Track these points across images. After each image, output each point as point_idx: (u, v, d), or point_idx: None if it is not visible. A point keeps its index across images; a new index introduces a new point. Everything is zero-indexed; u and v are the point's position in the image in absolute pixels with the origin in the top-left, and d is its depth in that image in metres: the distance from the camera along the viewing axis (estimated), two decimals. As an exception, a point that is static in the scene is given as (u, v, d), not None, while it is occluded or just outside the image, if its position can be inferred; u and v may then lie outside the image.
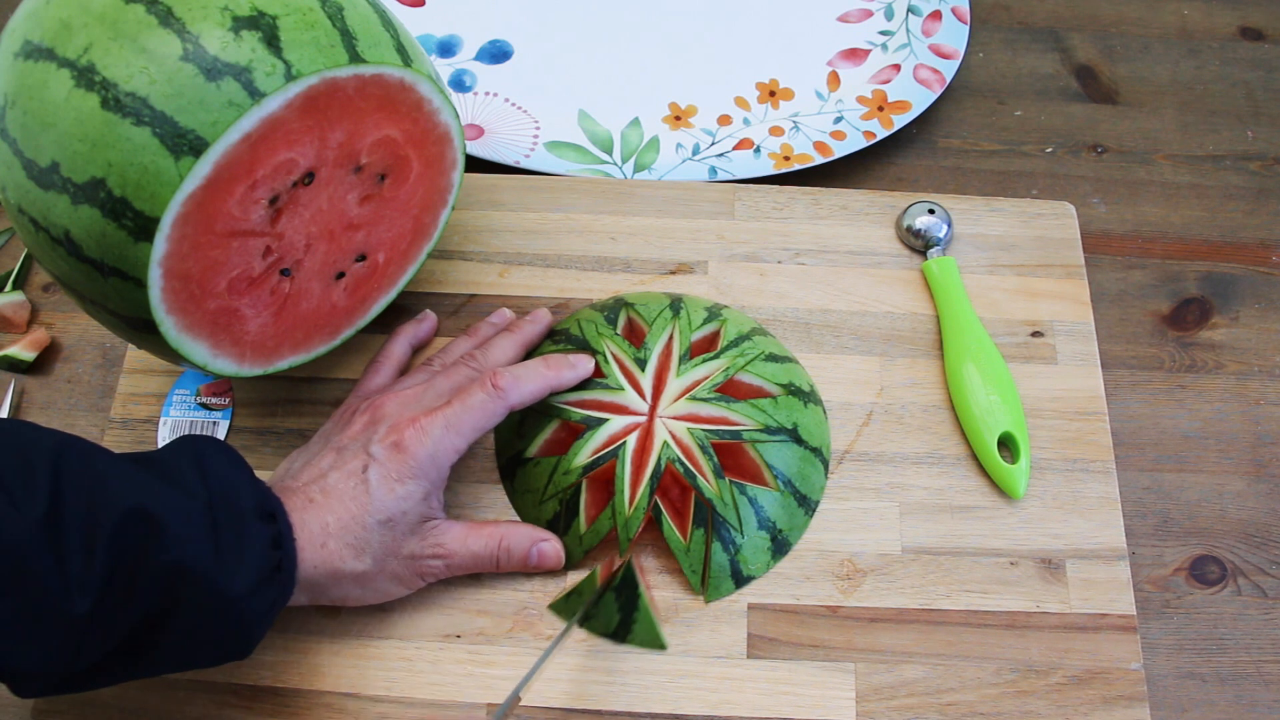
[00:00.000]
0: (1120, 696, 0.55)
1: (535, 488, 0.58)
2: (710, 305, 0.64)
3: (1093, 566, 0.58)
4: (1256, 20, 0.85)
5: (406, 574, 0.54)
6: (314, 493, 0.52)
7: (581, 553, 0.57)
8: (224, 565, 0.46)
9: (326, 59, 0.49)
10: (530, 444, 0.59)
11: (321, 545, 0.51)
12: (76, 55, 0.47)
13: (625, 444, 0.57)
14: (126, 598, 0.44)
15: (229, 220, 0.49)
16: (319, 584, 0.51)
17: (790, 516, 0.58)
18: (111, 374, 0.66)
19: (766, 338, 0.63)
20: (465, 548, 0.55)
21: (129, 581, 0.44)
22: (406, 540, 0.53)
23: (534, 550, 0.56)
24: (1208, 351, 0.69)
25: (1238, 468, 0.64)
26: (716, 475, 0.57)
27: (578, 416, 0.58)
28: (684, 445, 0.57)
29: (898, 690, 0.55)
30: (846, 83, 0.78)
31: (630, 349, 0.60)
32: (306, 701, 0.54)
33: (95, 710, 0.54)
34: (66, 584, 0.42)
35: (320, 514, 0.51)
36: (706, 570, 0.56)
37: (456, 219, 0.69)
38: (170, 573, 0.44)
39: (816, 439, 0.60)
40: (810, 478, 0.59)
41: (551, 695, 0.54)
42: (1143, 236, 0.74)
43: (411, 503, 0.53)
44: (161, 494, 0.46)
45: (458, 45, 0.80)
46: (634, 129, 0.76)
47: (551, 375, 0.57)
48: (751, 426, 0.58)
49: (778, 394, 0.60)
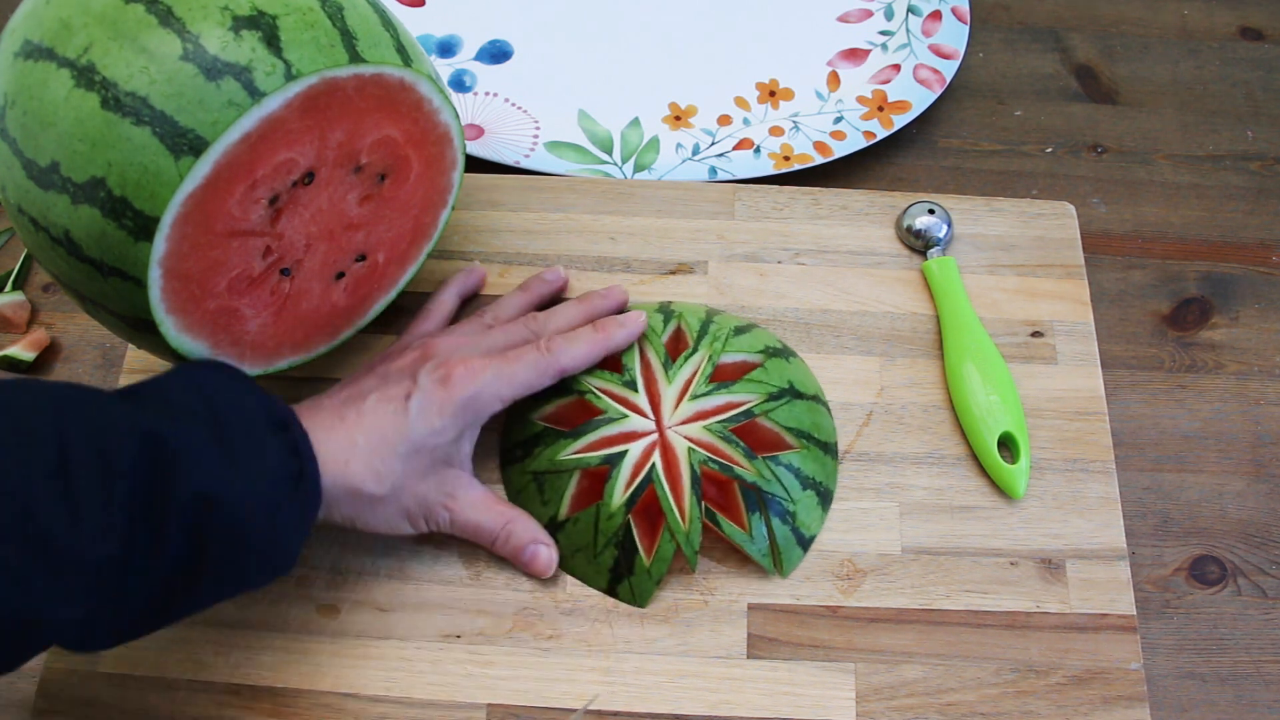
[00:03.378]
0: (1120, 696, 0.55)
1: (585, 544, 0.57)
2: (659, 305, 0.64)
3: (1093, 566, 0.58)
4: (1256, 20, 0.85)
5: (416, 512, 0.54)
6: (347, 412, 0.52)
7: (654, 585, 0.56)
8: (243, 481, 0.45)
9: (326, 59, 0.49)
10: (559, 506, 0.58)
11: (345, 462, 0.51)
12: (76, 55, 0.47)
13: (654, 466, 0.57)
14: (156, 535, 0.44)
15: (229, 220, 0.49)
16: (335, 499, 0.51)
17: (822, 466, 0.59)
18: (111, 374, 0.66)
19: (721, 314, 0.64)
20: (474, 511, 0.55)
21: (155, 517, 0.43)
22: (426, 478, 0.53)
23: (530, 547, 0.56)
24: (1208, 351, 0.69)
25: (1238, 468, 0.64)
26: (749, 458, 0.57)
27: (596, 460, 0.57)
28: (706, 444, 0.57)
29: (898, 690, 0.55)
30: (846, 83, 0.78)
31: (614, 377, 0.60)
32: (306, 701, 0.54)
33: (95, 710, 0.54)
34: (82, 531, 0.42)
35: (350, 432, 0.51)
36: (775, 548, 0.57)
37: (456, 219, 0.69)
38: (194, 502, 0.44)
39: (812, 387, 0.61)
40: (822, 424, 0.60)
41: (551, 695, 0.54)
42: (1143, 236, 0.74)
43: (444, 439, 0.53)
44: (167, 426, 0.45)
45: (458, 45, 0.80)
46: (634, 129, 0.76)
47: (601, 338, 0.58)
48: (756, 400, 0.59)
49: (761, 361, 0.60)
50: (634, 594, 0.56)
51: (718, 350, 0.61)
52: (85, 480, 0.42)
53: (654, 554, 0.56)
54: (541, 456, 0.58)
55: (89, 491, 0.42)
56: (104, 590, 0.43)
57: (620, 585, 0.56)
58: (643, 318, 0.60)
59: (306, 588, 0.57)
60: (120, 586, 0.43)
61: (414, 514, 0.54)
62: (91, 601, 0.43)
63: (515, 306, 0.62)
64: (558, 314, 0.61)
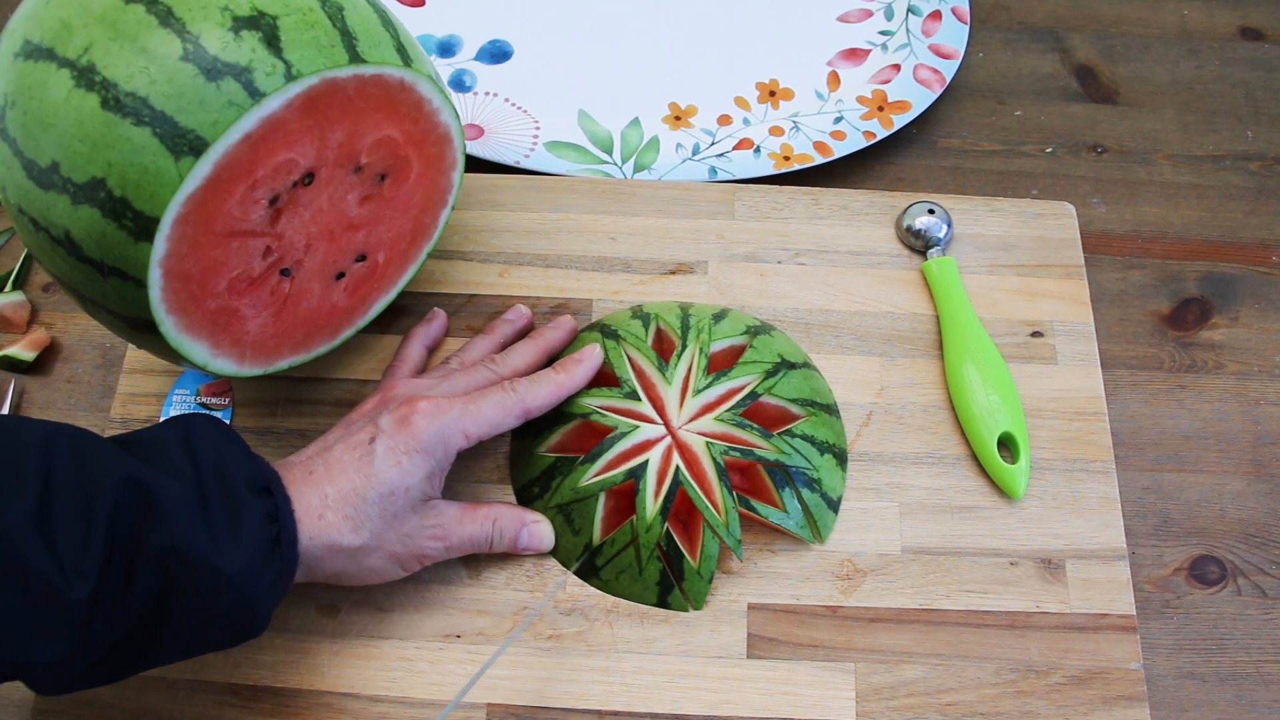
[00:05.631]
0: (1120, 696, 0.55)
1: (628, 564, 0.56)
2: (631, 311, 0.64)
3: (1093, 566, 0.58)
4: (1256, 20, 0.85)
5: (404, 554, 0.53)
6: (315, 465, 0.52)
7: (706, 586, 0.56)
8: (218, 543, 0.45)
9: (326, 59, 0.49)
10: (592, 532, 0.57)
11: (319, 517, 0.50)
12: (76, 55, 0.47)
13: (678, 469, 0.57)
14: (126, 581, 0.44)
15: (229, 220, 0.49)
16: (315, 558, 0.50)
17: (830, 427, 0.60)
18: (111, 374, 0.66)
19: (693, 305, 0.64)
20: (462, 529, 0.55)
21: (127, 564, 0.44)
22: (406, 518, 0.53)
23: (524, 531, 0.56)
24: (1208, 351, 0.69)
25: (1238, 468, 0.64)
26: (765, 437, 0.58)
27: (621, 477, 0.57)
28: (720, 434, 0.58)
29: (898, 690, 0.55)
30: (846, 83, 0.78)
31: (613, 392, 0.59)
32: (306, 701, 0.54)
33: (95, 710, 0.54)
34: (63, 571, 0.42)
35: (320, 485, 0.51)
36: (810, 518, 0.58)
37: (456, 219, 0.69)
38: (164, 555, 0.44)
39: (799, 355, 0.63)
40: (818, 387, 0.62)
41: (551, 695, 0.54)
42: (1143, 236, 0.74)
43: (415, 479, 0.52)
44: (151, 475, 0.45)
45: (458, 45, 0.80)
46: (634, 129, 0.76)
47: (564, 379, 0.58)
48: (755, 380, 0.59)
49: (748, 342, 0.61)
50: (687, 599, 0.56)
51: (706, 341, 0.61)
52: (66, 519, 0.43)
53: (699, 554, 0.56)
54: (563, 488, 0.58)
55: (69, 531, 0.43)
56: (72, 631, 0.43)
57: (671, 595, 0.56)
58: (598, 350, 0.60)
59: (306, 588, 0.57)
60: (87, 629, 0.43)
61: (403, 557, 0.53)
62: (64, 643, 0.43)
63: (480, 350, 0.62)
64: (515, 353, 0.60)
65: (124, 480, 0.44)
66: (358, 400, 0.62)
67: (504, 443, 0.62)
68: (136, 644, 0.46)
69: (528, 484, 0.59)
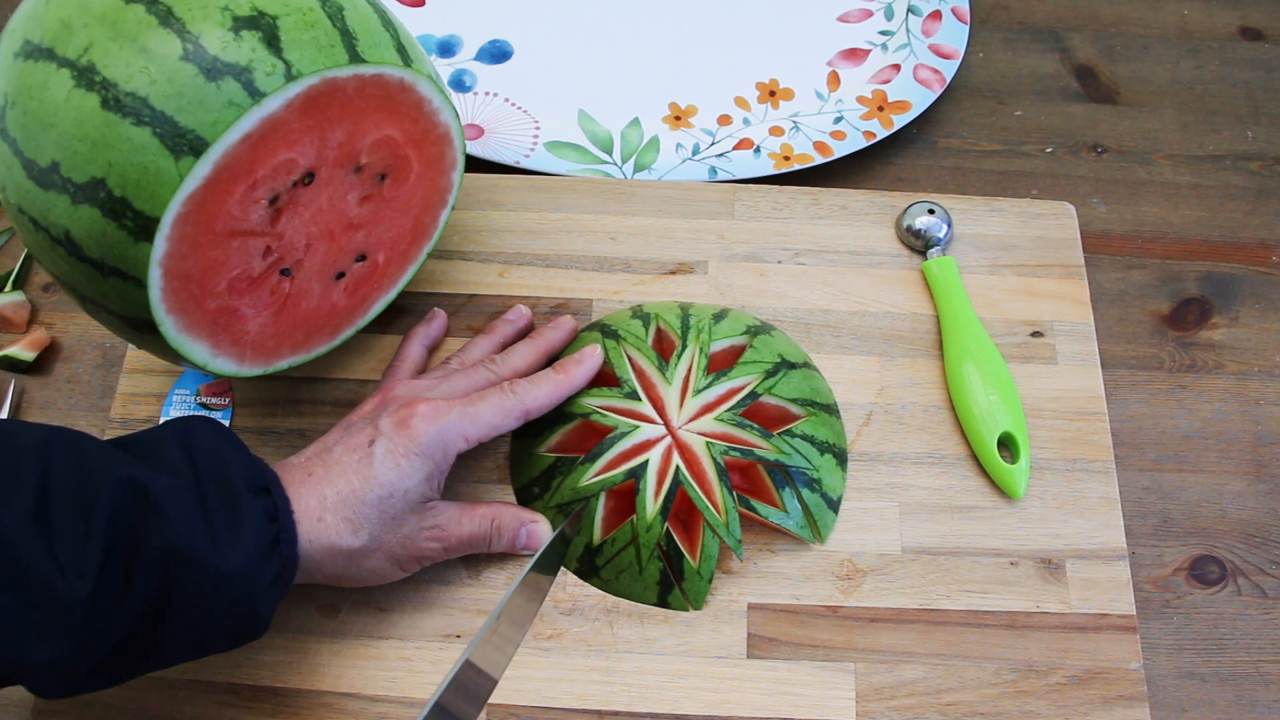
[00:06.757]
0: (1120, 696, 0.55)
1: (628, 564, 0.56)
2: (632, 311, 0.64)
3: (1093, 566, 0.58)
4: (1256, 20, 0.85)
5: (403, 555, 0.53)
6: (314, 467, 0.52)
7: (706, 585, 0.56)
8: (217, 543, 0.45)
9: (326, 59, 0.49)
10: (592, 532, 0.57)
11: (318, 519, 0.50)
12: (76, 55, 0.47)
13: (678, 468, 0.57)
14: (125, 581, 0.44)
15: (229, 220, 0.49)
16: (314, 560, 0.50)
17: (830, 427, 0.60)
18: (111, 374, 0.66)
19: (693, 305, 0.64)
20: (460, 529, 0.55)
21: (126, 563, 0.44)
22: (405, 519, 0.53)
23: (523, 531, 0.56)
24: (1208, 351, 0.69)
25: (1238, 468, 0.64)
26: (765, 437, 0.58)
27: (621, 477, 0.57)
28: (720, 434, 0.58)
29: (898, 690, 0.55)
30: (846, 83, 0.78)
31: (613, 392, 0.59)
32: (306, 701, 0.54)
33: (95, 710, 0.54)
34: (62, 571, 0.42)
35: (319, 487, 0.51)
36: (810, 518, 0.58)
37: (456, 219, 0.69)
38: (163, 554, 0.44)
39: (799, 355, 0.63)
40: (818, 387, 0.62)
41: (552, 695, 0.54)
42: (1143, 236, 0.74)
43: (414, 480, 0.52)
44: (149, 476, 0.45)
45: (458, 45, 0.80)
46: (634, 129, 0.76)
47: (563, 379, 0.58)
48: (755, 380, 0.59)
49: (748, 342, 0.61)
50: (687, 598, 0.56)
51: (706, 341, 0.61)
52: (64, 519, 0.43)
53: (699, 554, 0.56)
54: (562, 488, 0.58)
55: (68, 530, 0.43)
56: (71, 632, 0.43)
57: (671, 594, 0.56)
58: (598, 350, 0.60)
59: (307, 588, 0.57)
60: (86, 630, 0.43)
61: (402, 558, 0.53)
62: (64, 644, 0.43)
63: (480, 350, 0.62)
64: (515, 354, 0.60)
65: (122, 480, 0.44)
66: (358, 400, 0.62)
67: (504, 443, 0.62)
68: (137, 645, 0.46)
69: (528, 484, 0.59)
